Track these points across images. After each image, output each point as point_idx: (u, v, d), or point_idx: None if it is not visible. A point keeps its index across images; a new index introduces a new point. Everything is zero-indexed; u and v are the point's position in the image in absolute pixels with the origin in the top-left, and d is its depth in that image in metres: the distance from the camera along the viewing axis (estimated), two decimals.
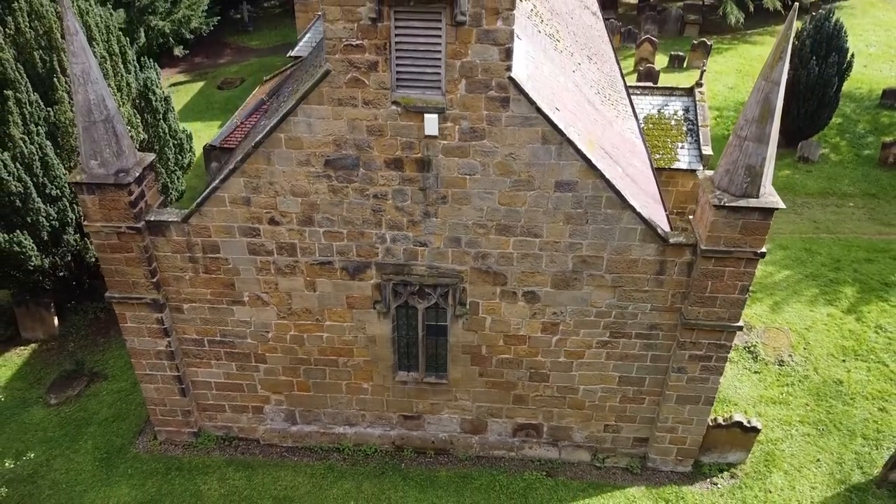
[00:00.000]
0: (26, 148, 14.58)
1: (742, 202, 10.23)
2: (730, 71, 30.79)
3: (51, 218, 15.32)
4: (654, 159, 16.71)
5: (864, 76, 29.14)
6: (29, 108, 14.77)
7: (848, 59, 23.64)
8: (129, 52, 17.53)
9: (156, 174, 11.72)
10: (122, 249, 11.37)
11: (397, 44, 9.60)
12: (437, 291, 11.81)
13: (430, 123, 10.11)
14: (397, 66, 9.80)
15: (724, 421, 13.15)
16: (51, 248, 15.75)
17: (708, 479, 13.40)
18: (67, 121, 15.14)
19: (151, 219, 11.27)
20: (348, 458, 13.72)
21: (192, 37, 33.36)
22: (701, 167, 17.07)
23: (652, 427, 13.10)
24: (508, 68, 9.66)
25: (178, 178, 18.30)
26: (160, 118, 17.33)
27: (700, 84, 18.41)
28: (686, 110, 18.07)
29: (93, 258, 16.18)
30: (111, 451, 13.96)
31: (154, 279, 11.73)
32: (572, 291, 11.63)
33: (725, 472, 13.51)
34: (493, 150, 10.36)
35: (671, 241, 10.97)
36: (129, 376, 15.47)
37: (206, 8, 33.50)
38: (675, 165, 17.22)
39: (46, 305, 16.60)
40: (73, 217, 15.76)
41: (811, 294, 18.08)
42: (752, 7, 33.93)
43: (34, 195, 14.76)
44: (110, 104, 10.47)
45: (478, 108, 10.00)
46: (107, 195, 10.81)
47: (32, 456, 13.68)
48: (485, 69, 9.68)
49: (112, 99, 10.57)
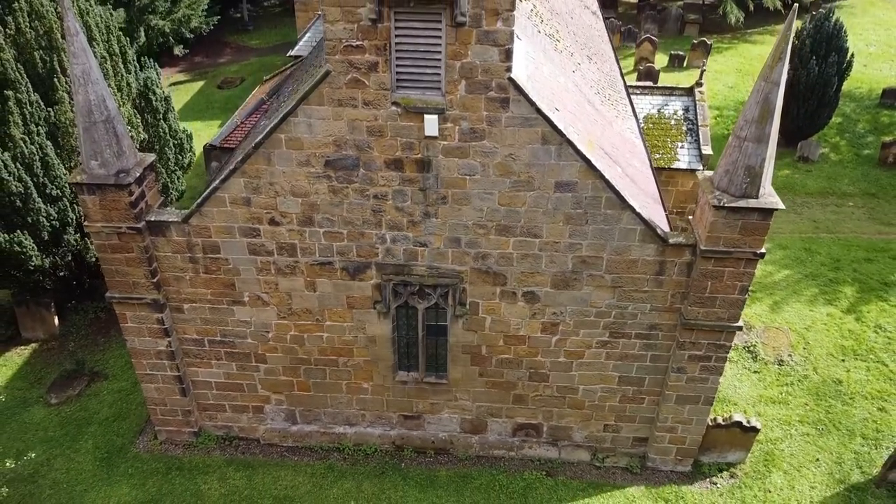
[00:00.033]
0: (27, 148, 14.59)
1: (741, 203, 10.24)
2: (730, 70, 30.80)
3: (51, 218, 15.34)
4: (654, 159, 16.71)
5: (863, 75, 29.15)
6: (29, 108, 14.78)
7: (848, 59, 23.65)
8: (129, 51, 17.54)
9: (156, 174, 11.74)
10: (122, 250, 11.39)
11: (397, 45, 9.61)
12: (437, 292, 11.83)
13: (430, 124, 10.12)
14: (397, 66, 9.81)
15: (724, 421, 13.17)
16: (51, 247, 15.77)
17: (707, 479, 13.43)
18: (68, 121, 15.15)
19: (152, 219, 11.29)
20: (348, 458, 13.74)
21: (192, 36, 33.40)
22: (701, 167, 17.07)
23: (651, 427, 13.12)
24: (508, 69, 9.67)
25: (179, 178, 18.32)
26: (160, 118, 17.35)
27: (700, 84, 18.40)
28: (686, 110, 18.07)
29: (93, 258, 16.19)
30: (112, 451, 13.99)
31: (154, 279, 11.75)
32: (572, 292, 11.65)
33: (725, 472, 13.54)
34: (493, 151, 10.37)
35: (671, 241, 10.99)
36: (129, 376, 15.49)
37: (206, 7, 33.55)
38: (675, 165, 17.22)
39: (47, 305, 16.63)
40: (74, 217, 15.77)
41: (811, 294, 18.10)
42: (752, 6, 33.94)
43: (35, 195, 14.79)
44: (111, 105, 10.49)
45: (478, 108, 10.02)
46: (107, 196, 10.83)
47: (33, 455, 13.71)
48: (485, 70, 9.69)
49: (112, 99, 10.58)
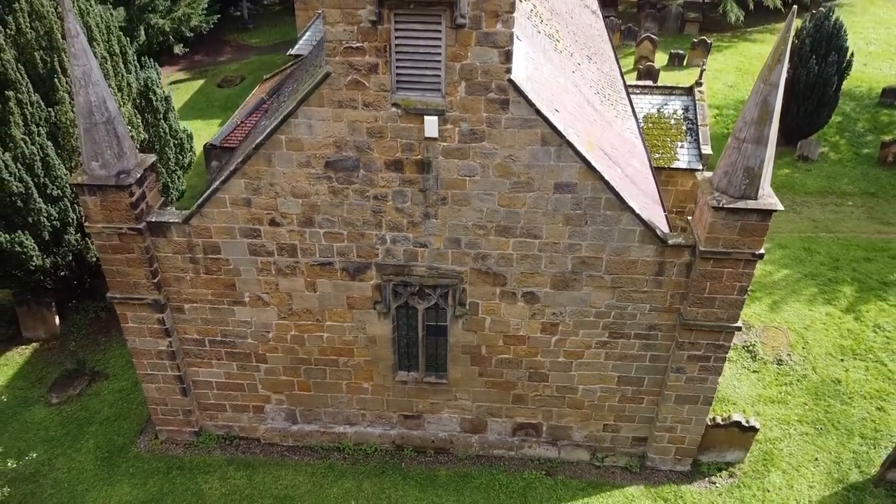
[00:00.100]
0: (27, 148, 14.62)
1: (740, 204, 10.27)
2: (730, 69, 30.79)
3: (52, 218, 15.36)
4: (654, 158, 16.73)
5: (863, 74, 29.14)
6: (30, 108, 14.79)
7: (848, 58, 23.64)
8: (129, 51, 17.55)
9: (157, 175, 11.76)
10: (123, 250, 11.42)
11: (397, 46, 9.63)
12: (437, 292, 11.86)
13: (430, 125, 10.14)
14: (397, 68, 9.83)
15: (723, 420, 13.21)
16: (52, 247, 15.80)
17: (706, 479, 13.47)
18: (68, 121, 15.16)
19: (152, 220, 11.32)
20: (349, 458, 13.78)
21: (192, 35, 33.37)
22: (700, 166, 17.09)
23: (651, 426, 13.16)
24: (508, 70, 9.70)
25: (179, 178, 18.34)
26: (161, 118, 17.36)
27: (700, 83, 18.42)
28: (686, 109, 18.09)
29: (94, 258, 16.22)
30: (113, 451, 14.03)
31: (155, 280, 11.78)
32: (571, 292, 11.68)
33: (724, 472, 13.58)
34: (493, 152, 10.40)
35: (670, 242, 11.02)
36: (130, 375, 15.53)
37: (206, 6, 33.52)
38: (675, 165, 17.24)
39: (48, 305, 16.67)
40: (75, 217, 15.80)
41: (810, 293, 18.12)
42: (752, 5, 33.90)
43: (35, 195, 14.81)
44: (111, 106, 10.51)
45: (477, 110, 10.04)
46: (108, 196, 10.86)
47: (34, 455, 13.76)
48: (484, 71, 9.71)
49: (113, 100, 10.60)
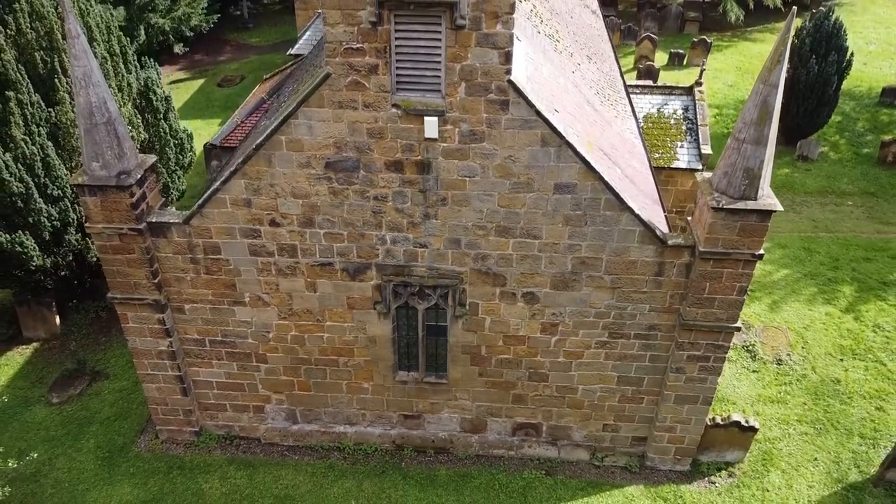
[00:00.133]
0: (28, 149, 14.62)
1: (740, 204, 10.28)
2: (730, 68, 30.79)
3: (52, 218, 15.38)
4: (654, 158, 16.75)
5: (863, 74, 29.14)
6: (30, 108, 14.80)
7: (847, 57, 23.64)
8: (129, 51, 17.55)
9: (157, 175, 11.77)
10: (123, 251, 11.44)
11: (397, 47, 9.64)
12: (437, 292, 11.87)
13: (430, 126, 10.16)
14: (397, 69, 9.84)
15: (722, 420, 13.23)
16: (52, 247, 15.81)
17: (706, 478, 13.50)
18: (69, 121, 15.18)
19: (153, 220, 11.33)
20: (349, 457, 13.81)
21: (192, 34, 33.37)
22: (700, 166, 17.10)
23: (650, 426, 13.18)
24: (508, 71, 9.71)
25: (179, 178, 18.35)
26: (161, 118, 17.37)
27: (699, 83, 18.43)
28: (685, 109, 18.10)
29: (94, 258, 16.24)
30: (113, 450, 14.05)
31: (155, 280, 11.80)
32: (571, 292, 11.69)
33: (723, 471, 13.60)
34: (493, 153, 10.41)
35: (670, 242, 11.03)
36: (130, 375, 15.55)
37: (206, 5, 33.52)
38: (675, 164, 17.24)
39: (48, 305, 16.69)
40: (75, 217, 15.81)
41: (809, 293, 18.14)
42: (752, 4, 33.89)
43: (36, 195, 14.82)
44: (112, 107, 10.52)
45: (477, 110, 10.05)
46: (108, 197, 10.87)
47: (35, 455, 13.79)
48: (484, 72, 9.73)
49: (113, 101, 10.61)
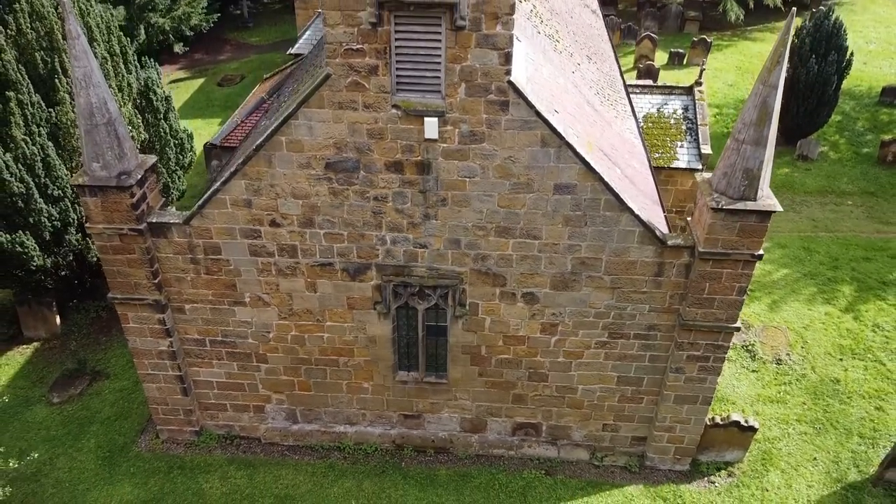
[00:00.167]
0: (28, 149, 14.64)
1: (739, 205, 10.29)
2: (729, 68, 30.78)
3: (53, 218, 15.39)
4: (654, 158, 16.76)
5: (863, 73, 29.14)
6: (31, 109, 14.81)
7: (847, 57, 23.64)
8: (129, 51, 17.56)
9: (157, 176, 11.78)
10: (124, 251, 11.45)
11: (397, 48, 9.65)
12: (437, 292, 11.89)
13: (430, 127, 10.17)
14: (397, 69, 9.85)
15: (722, 420, 13.25)
16: (53, 247, 15.83)
17: (705, 478, 13.52)
18: (69, 121, 15.19)
19: (153, 220, 11.35)
20: (349, 457, 13.83)
21: (192, 33, 33.37)
22: (700, 166, 17.11)
23: (650, 426, 13.20)
24: (508, 72, 9.72)
25: (179, 178, 18.37)
26: (161, 118, 17.38)
27: (699, 82, 18.44)
28: (685, 109, 18.11)
29: (94, 257, 16.25)
30: (114, 450, 14.07)
31: (156, 280, 11.81)
32: (571, 293, 11.71)
33: (723, 471, 13.62)
34: (493, 154, 10.42)
35: (669, 243, 11.05)
36: (131, 375, 15.57)
37: (206, 4, 33.52)
38: (675, 164, 17.26)
39: (48, 304, 16.71)
40: (75, 217, 15.82)
41: (809, 293, 18.16)
42: (752, 4, 33.89)
43: (36, 195, 14.84)
44: (112, 107, 10.53)
45: (477, 111, 10.06)
46: (109, 197, 10.89)
47: (36, 455, 13.82)
48: (484, 73, 9.74)
49: (114, 102, 10.62)
